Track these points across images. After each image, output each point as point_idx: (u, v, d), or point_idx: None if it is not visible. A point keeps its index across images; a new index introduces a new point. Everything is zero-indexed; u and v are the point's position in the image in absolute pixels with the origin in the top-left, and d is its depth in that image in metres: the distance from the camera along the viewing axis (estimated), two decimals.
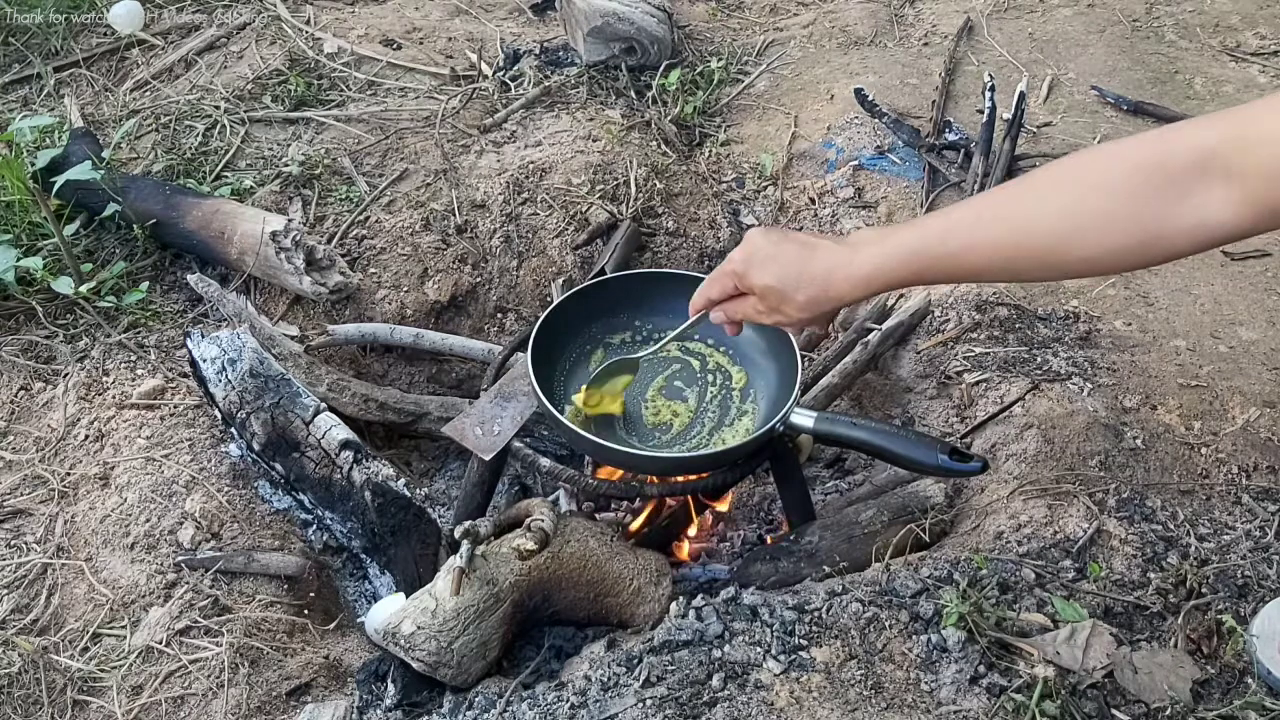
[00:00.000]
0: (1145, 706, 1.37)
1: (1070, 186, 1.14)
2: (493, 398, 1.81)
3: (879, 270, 1.29)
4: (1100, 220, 1.09)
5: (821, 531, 1.77)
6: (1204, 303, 2.21)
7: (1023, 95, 2.60)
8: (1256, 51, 3.10)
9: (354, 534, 1.90)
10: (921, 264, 1.26)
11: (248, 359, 1.98)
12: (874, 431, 1.59)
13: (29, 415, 2.06)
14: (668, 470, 1.74)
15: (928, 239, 1.25)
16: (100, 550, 1.80)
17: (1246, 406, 1.92)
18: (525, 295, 2.56)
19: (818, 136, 2.84)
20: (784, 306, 1.39)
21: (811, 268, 1.35)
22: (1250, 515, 1.70)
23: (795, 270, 1.36)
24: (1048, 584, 1.55)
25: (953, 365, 2.15)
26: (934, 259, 1.24)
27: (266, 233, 2.22)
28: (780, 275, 1.37)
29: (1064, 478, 1.77)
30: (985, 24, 3.27)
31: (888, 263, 1.28)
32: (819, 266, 1.34)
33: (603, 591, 1.69)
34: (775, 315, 1.43)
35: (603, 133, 2.77)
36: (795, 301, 1.37)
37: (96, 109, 2.88)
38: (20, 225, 2.38)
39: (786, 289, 1.37)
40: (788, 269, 1.37)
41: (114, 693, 1.60)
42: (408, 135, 2.75)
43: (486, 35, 3.27)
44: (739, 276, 1.43)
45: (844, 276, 1.32)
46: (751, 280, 1.41)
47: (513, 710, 1.45)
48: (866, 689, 1.38)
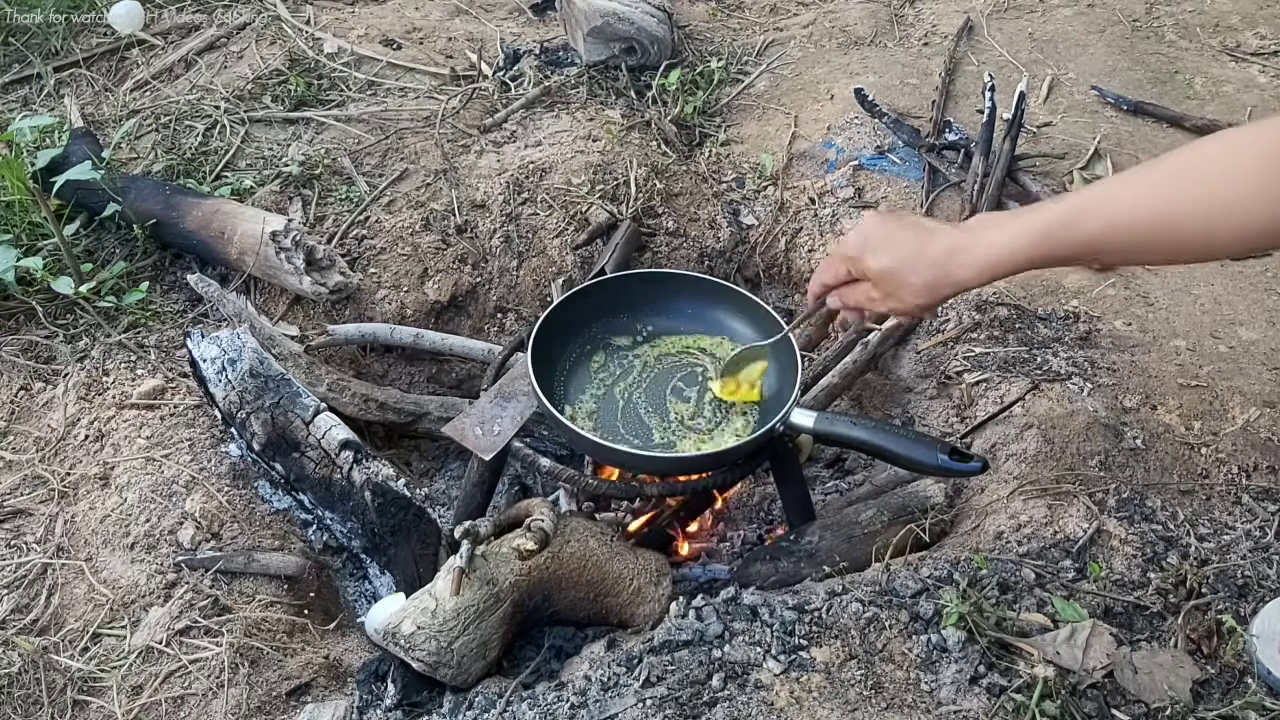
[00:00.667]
0: (1145, 706, 1.37)
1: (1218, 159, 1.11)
2: (493, 398, 1.81)
3: (1005, 253, 1.26)
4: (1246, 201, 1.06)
5: (821, 531, 1.77)
6: (1204, 303, 2.21)
7: (1023, 95, 2.60)
8: (1256, 51, 3.10)
9: (354, 534, 1.90)
10: (1051, 247, 1.22)
11: (248, 359, 1.98)
12: (874, 431, 1.59)
13: (29, 415, 2.06)
14: (668, 470, 1.74)
15: (1058, 221, 1.22)
16: (100, 550, 1.80)
17: (1246, 406, 1.92)
18: (525, 295, 2.56)
19: (818, 136, 2.84)
20: (900, 291, 1.35)
21: (930, 251, 1.31)
22: (1250, 515, 1.70)
23: (912, 253, 1.32)
24: (1048, 584, 1.55)
25: (953, 365, 2.15)
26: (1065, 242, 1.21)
27: (266, 233, 2.22)
28: (897, 259, 1.33)
29: (1064, 478, 1.77)
30: (985, 24, 3.27)
31: (1014, 244, 1.25)
32: (938, 250, 1.31)
33: (603, 591, 1.69)
34: (890, 301, 1.38)
35: (603, 133, 2.77)
36: (912, 286, 1.33)
37: (96, 109, 2.88)
38: (20, 225, 2.38)
39: (903, 273, 1.33)
40: (904, 252, 1.33)
41: (114, 693, 1.60)
42: (408, 135, 2.75)
43: (486, 35, 3.27)
44: (852, 261, 1.39)
45: (966, 260, 1.28)
46: (866, 264, 1.37)
47: (513, 710, 1.45)
48: (866, 689, 1.38)
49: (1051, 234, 1.22)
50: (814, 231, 2.62)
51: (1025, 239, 1.24)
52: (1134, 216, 1.17)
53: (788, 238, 2.65)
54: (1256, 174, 1.05)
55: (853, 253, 1.39)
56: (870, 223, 1.39)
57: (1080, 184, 2.57)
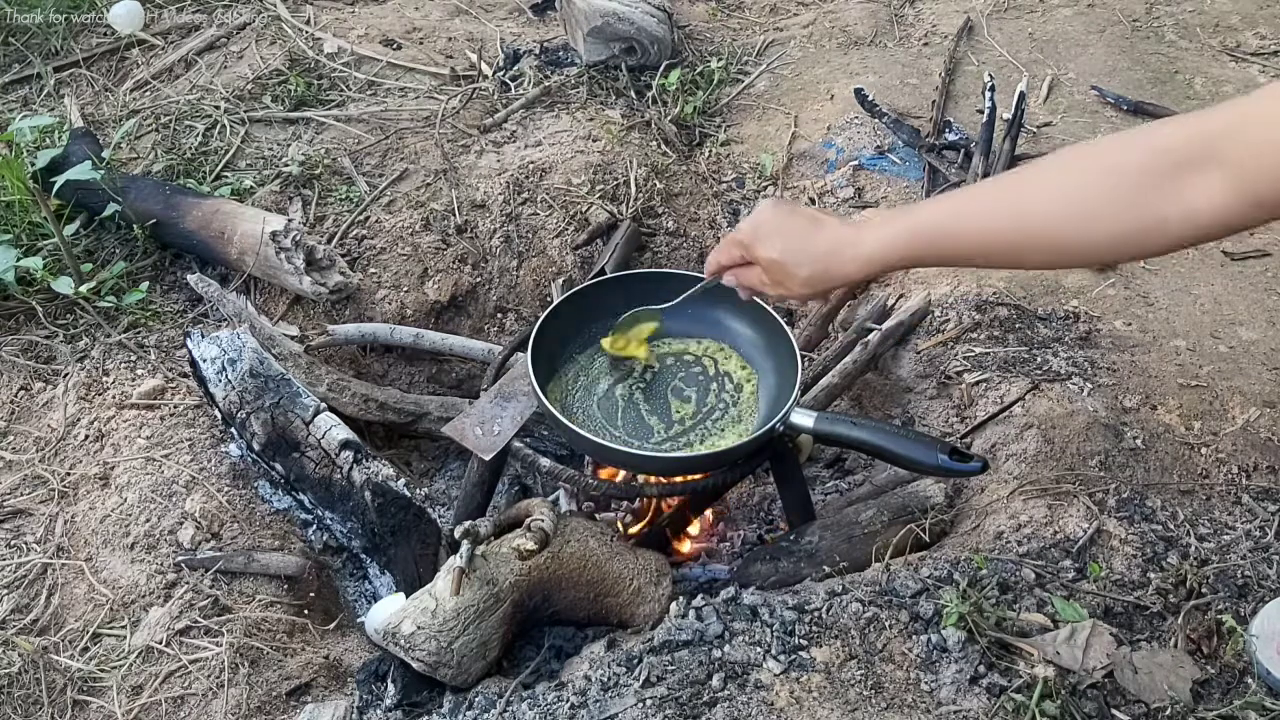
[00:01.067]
0: (1145, 706, 1.37)
1: (1076, 172, 1.15)
2: (493, 398, 1.81)
3: (883, 249, 1.30)
4: (1102, 205, 1.10)
5: (821, 531, 1.77)
6: (1204, 303, 2.21)
7: (1023, 95, 2.60)
8: (1256, 51, 3.10)
9: (354, 534, 1.90)
10: (925, 244, 1.27)
11: (248, 359, 1.98)
12: (874, 431, 1.60)
13: (29, 415, 2.06)
14: (668, 470, 1.74)
15: (933, 220, 1.27)
16: (100, 550, 1.80)
17: (1246, 406, 1.92)
18: (525, 295, 2.56)
19: (818, 136, 2.84)
20: (787, 281, 1.40)
21: (815, 245, 1.36)
22: (1250, 515, 1.70)
23: (799, 246, 1.37)
24: (1048, 584, 1.55)
25: (953, 365, 2.15)
26: (937, 240, 1.26)
27: (266, 233, 2.22)
28: (784, 250, 1.38)
29: (1064, 478, 1.77)
30: (985, 24, 3.27)
31: (893, 242, 1.29)
32: (823, 245, 1.35)
33: (603, 591, 1.69)
34: (778, 288, 1.44)
35: (603, 133, 2.77)
36: (798, 277, 1.38)
37: (96, 109, 2.88)
38: (20, 225, 2.38)
39: (789, 264, 1.38)
40: (792, 244, 1.38)
41: (114, 693, 1.60)
42: (408, 135, 2.75)
43: (486, 35, 3.27)
44: (745, 246, 1.45)
45: (849, 256, 1.33)
46: (756, 251, 1.42)
47: (513, 710, 1.45)
48: (866, 689, 1.38)
49: (921, 233, 1.27)
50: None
51: (902, 236, 1.29)
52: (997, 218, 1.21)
53: None
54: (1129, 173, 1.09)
55: (745, 239, 1.45)
56: (764, 211, 1.44)
57: None
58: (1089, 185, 1.12)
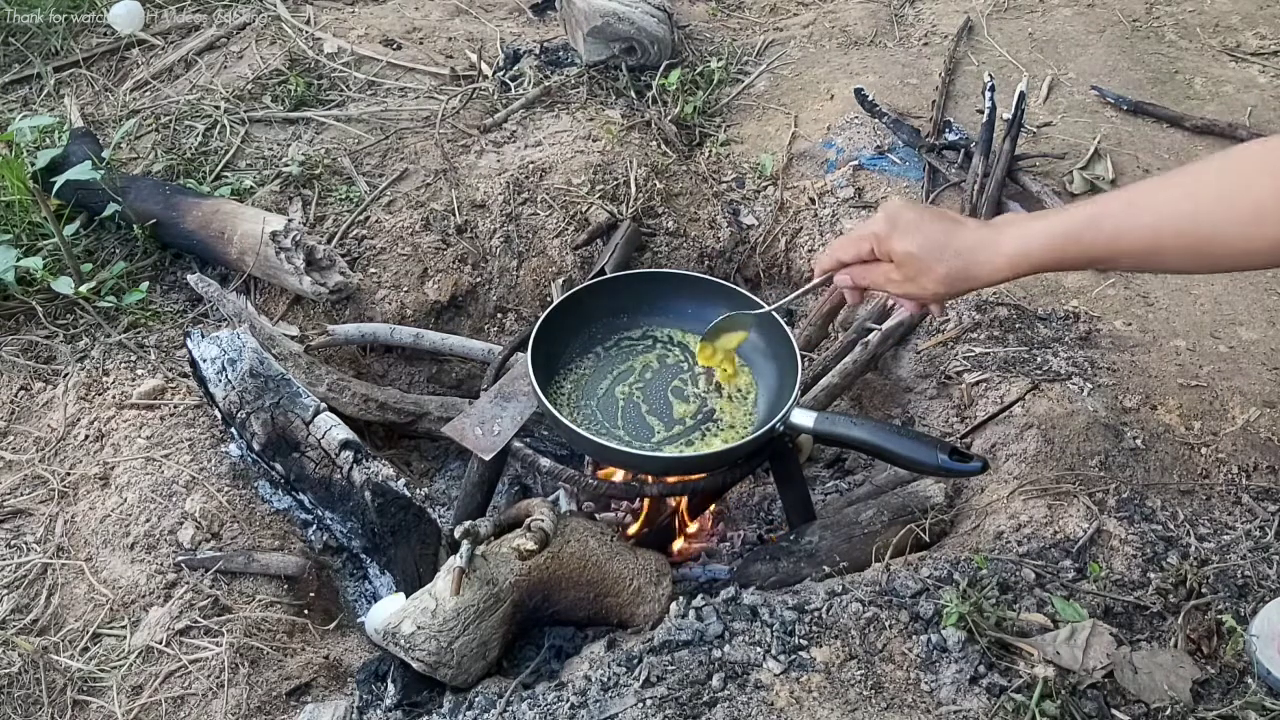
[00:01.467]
0: (1145, 706, 1.37)
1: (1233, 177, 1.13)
2: (493, 398, 1.81)
3: (1026, 251, 1.28)
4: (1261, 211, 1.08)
5: (821, 531, 1.77)
6: (1204, 303, 2.21)
7: (1023, 95, 2.60)
8: (1256, 51, 3.10)
9: (354, 534, 1.90)
10: (1070, 248, 1.25)
11: (248, 359, 1.98)
12: (874, 431, 1.59)
13: (29, 415, 2.06)
14: (668, 470, 1.74)
15: (1078, 223, 1.24)
16: (100, 550, 1.80)
17: (1246, 406, 1.92)
18: (525, 295, 2.56)
19: (818, 136, 2.84)
20: (921, 278, 1.36)
21: (956, 242, 1.33)
22: (1250, 515, 1.70)
23: (940, 242, 1.33)
24: (1048, 584, 1.55)
25: (953, 365, 2.15)
26: (1084, 244, 1.23)
27: (266, 233, 2.22)
28: (924, 245, 1.34)
29: (1064, 478, 1.77)
30: (985, 24, 3.27)
31: (1034, 243, 1.27)
32: (964, 241, 1.32)
33: (603, 591, 1.69)
34: (909, 285, 1.39)
35: (603, 133, 2.77)
36: (935, 274, 1.34)
37: (96, 109, 2.88)
38: (20, 225, 2.38)
39: (928, 259, 1.34)
40: (932, 239, 1.34)
41: (114, 693, 1.60)
42: (408, 135, 2.75)
43: (486, 35, 3.27)
44: (879, 240, 1.39)
45: (990, 255, 1.30)
46: (893, 245, 1.37)
47: (513, 710, 1.45)
48: (866, 689, 1.38)
49: (1067, 236, 1.25)
50: (814, 231, 2.62)
51: (1047, 239, 1.26)
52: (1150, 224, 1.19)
53: (788, 238, 2.66)
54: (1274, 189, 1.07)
55: (881, 231, 1.39)
56: (898, 206, 1.40)
57: (1080, 184, 2.57)
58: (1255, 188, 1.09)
